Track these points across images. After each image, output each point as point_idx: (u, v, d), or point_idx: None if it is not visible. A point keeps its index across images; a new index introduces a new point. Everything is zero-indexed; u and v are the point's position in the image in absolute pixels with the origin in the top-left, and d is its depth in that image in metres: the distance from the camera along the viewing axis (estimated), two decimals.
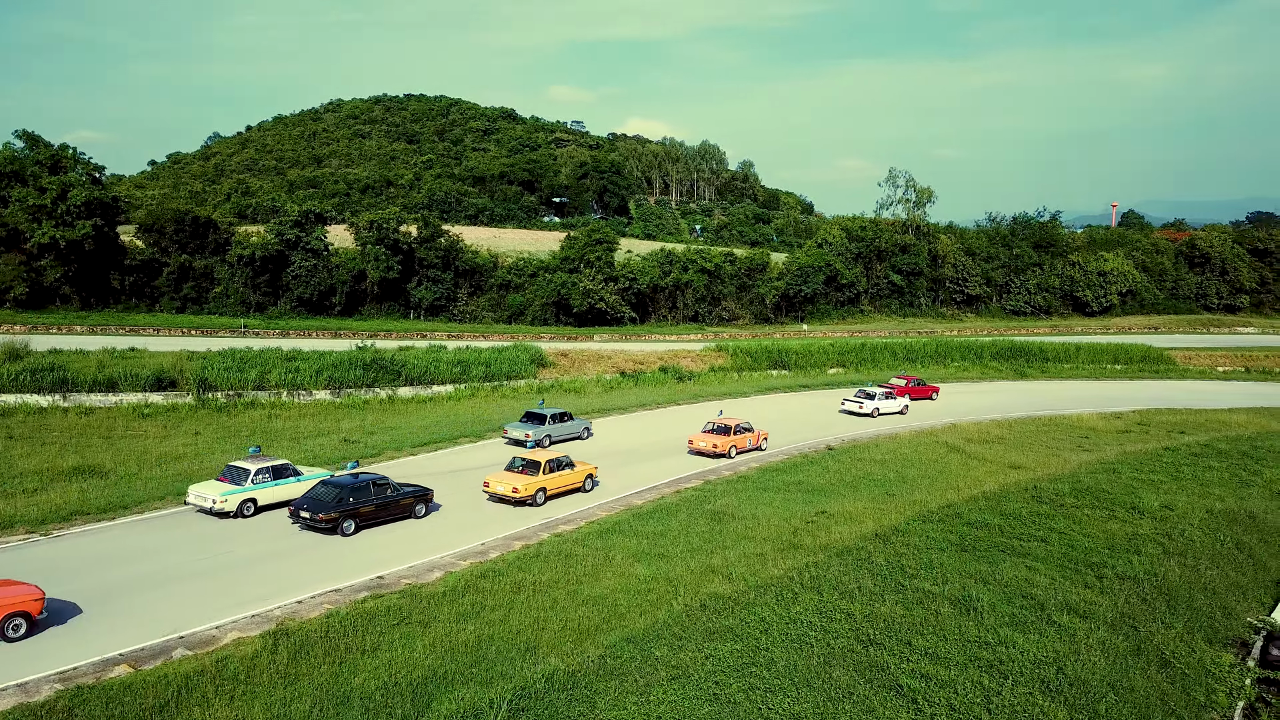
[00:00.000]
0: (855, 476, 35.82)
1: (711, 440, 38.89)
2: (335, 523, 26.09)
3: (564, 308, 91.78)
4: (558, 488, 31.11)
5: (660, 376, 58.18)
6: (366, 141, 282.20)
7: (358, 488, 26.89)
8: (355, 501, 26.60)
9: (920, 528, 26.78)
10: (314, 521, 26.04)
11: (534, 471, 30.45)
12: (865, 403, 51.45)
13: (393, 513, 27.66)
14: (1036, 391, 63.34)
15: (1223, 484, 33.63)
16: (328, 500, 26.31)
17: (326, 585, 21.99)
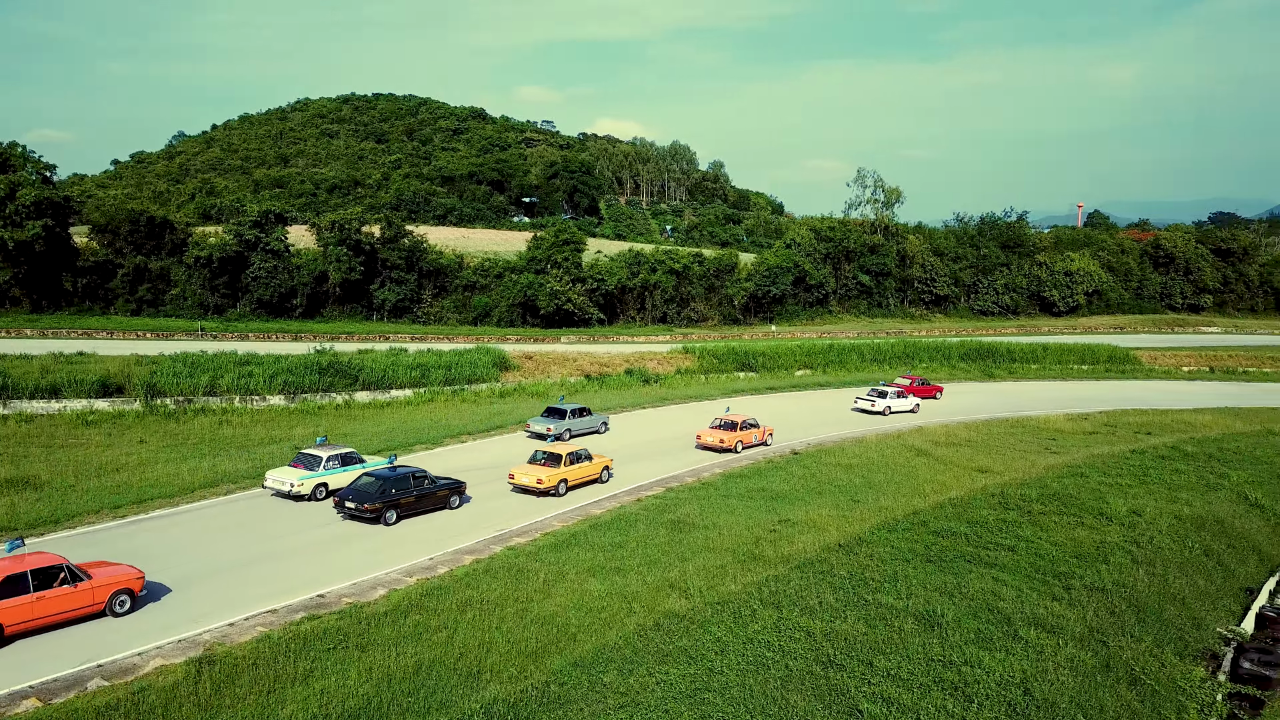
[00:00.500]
0: (820, 482, 35.07)
1: (719, 435, 40.65)
2: (379, 513, 27.52)
3: (531, 309, 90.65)
4: (578, 479, 32.75)
5: (626, 379, 57.24)
6: (334, 141, 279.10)
7: (399, 480, 28.25)
8: (397, 493, 28.00)
9: (885, 537, 26.03)
10: (359, 511, 27.44)
11: (555, 464, 32.07)
12: (878, 401, 52.66)
13: (430, 504, 29.16)
14: (1004, 392, 63.09)
15: (1190, 488, 33.23)
16: (372, 491, 27.69)
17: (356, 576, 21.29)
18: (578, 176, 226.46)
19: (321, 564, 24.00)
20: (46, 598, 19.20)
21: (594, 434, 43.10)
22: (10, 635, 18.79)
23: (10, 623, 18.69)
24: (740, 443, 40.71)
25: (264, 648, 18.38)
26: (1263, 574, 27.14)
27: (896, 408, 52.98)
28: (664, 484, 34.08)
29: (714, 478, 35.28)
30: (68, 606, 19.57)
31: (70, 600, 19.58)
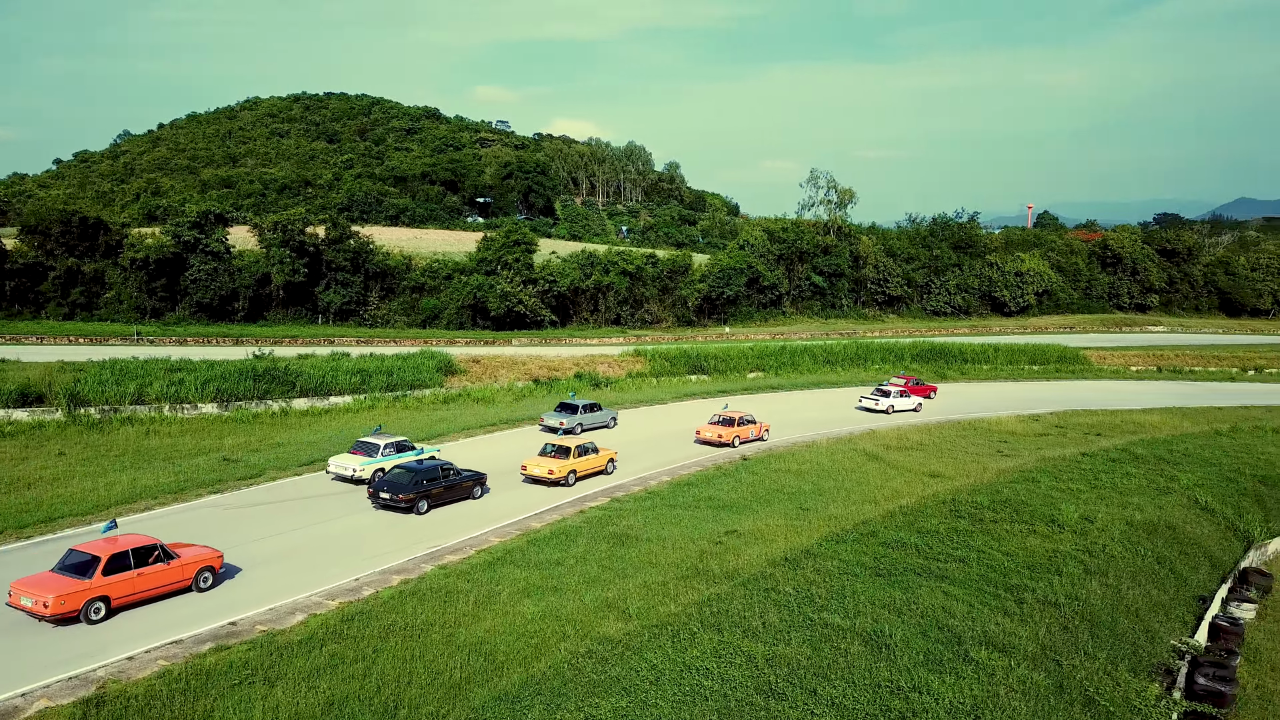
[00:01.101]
0: (769, 490, 34.15)
1: (717, 431, 42.56)
2: (413, 503, 29.29)
3: (481, 311, 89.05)
4: (585, 470, 34.83)
5: (576, 384, 55.97)
6: (285, 141, 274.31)
7: (430, 472, 30.18)
8: (428, 484, 29.88)
9: (833, 549, 25.13)
10: (394, 501, 29.19)
11: (565, 456, 34.20)
12: (881, 400, 54.17)
13: (456, 494, 30.98)
14: (957, 394, 62.86)
15: (1141, 491, 32.83)
16: (405, 483, 29.47)
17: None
18: (532, 177, 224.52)
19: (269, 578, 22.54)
20: (145, 574, 21.28)
21: (603, 428, 45.31)
22: (117, 607, 20.84)
23: (117, 596, 20.76)
24: (738, 438, 42.59)
25: (161, 685, 16.93)
26: (1214, 580, 26.72)
27: (900, 406, 54.37)
28: (609, 494, 32.96)
29: (661, 486, 34.22)
30: (162, 582, 21.67)
31: (164, 576, 21.69)
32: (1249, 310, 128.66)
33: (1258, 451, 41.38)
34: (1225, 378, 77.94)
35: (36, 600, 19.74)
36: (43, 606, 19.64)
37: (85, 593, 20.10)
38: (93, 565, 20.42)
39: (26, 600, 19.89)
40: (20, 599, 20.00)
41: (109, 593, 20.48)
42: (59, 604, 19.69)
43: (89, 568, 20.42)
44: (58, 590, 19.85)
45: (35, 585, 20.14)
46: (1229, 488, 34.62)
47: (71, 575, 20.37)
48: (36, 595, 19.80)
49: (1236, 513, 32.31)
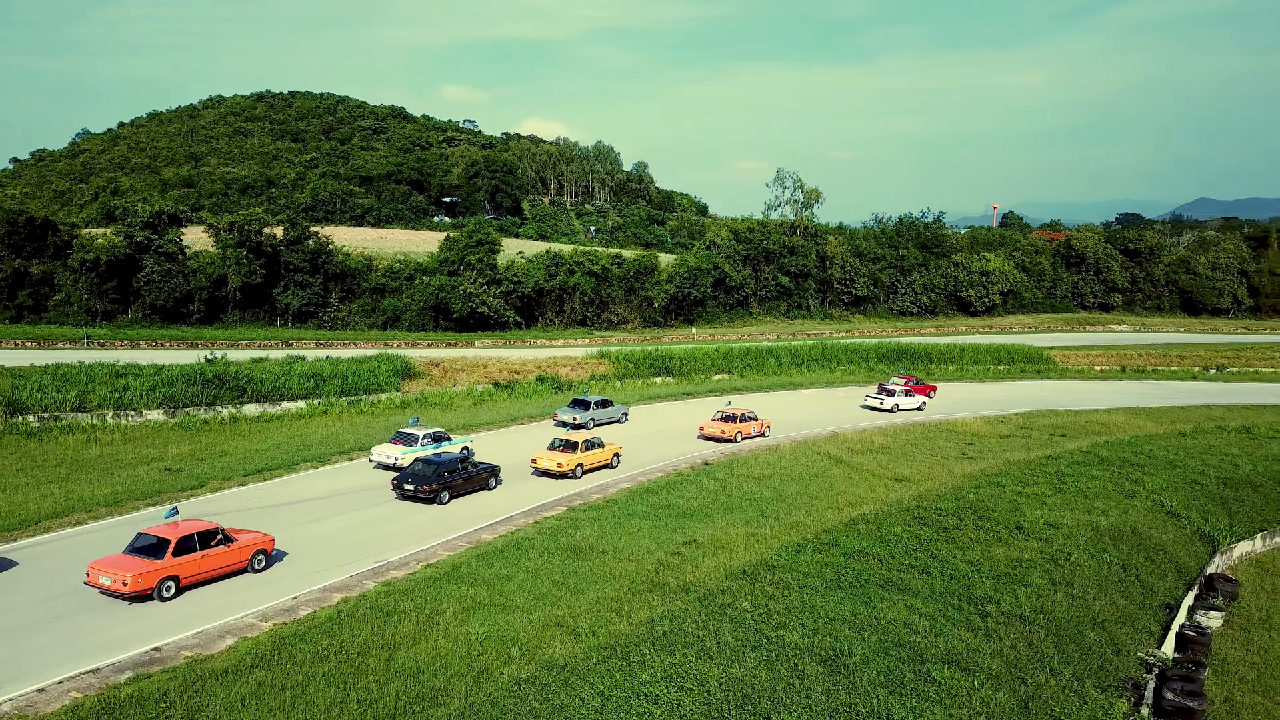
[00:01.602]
0: (730, 496, 33.35)
1: (720, 427, 44.08)
2: (435, 493, 30.86)
3: (444, 312, 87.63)
4: (592, 464, 36.53)
5: (538, 387, 54.89)
6: (248, 140, 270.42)
7: (450, 464, 31.81)
8: (449, 476, 31.55)
9: (793, 560, 24.31)
10: (418, 492, 30.71)
11: (573, 450, 35.94)
12: (885, 399, 55.27)
13: (474, 485, 32.72)
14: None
15: (1106, 495, 32.35)
16: (429, 475, 31.02)
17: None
18: (500, 176, 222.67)
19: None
20: (209, 555, 22.92)
21: (615, 423, 47.27)
22: (185, 586, 22.44)
23: (186, 575, 22.36)
24: (740, 433, 44.14)
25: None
26: (1181, 587, 26.22)
27: (904, 405, 55.42)
28: (565, 503, 31.99)
29: (620, 494, 33.28)
30: (224, 563, 23.33)
31: (225, 558, 23.33)
32: (1210, 309, 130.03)
33: (1221, 453, 41.15)
34: (1188, 377, 78.34)
35: (115, 579, 21.35)
36: (121, 585, 21.25)
37: (158, 572, 21.74)
38: (163, 547, 22.10)
39: (105, 579, 21.50)
40: (99, 578, 21.61)
41: (179, 572, 22.18)
42: (136, 582, 21.32)
43: (160, 549, 22.08)
44: (135, 570, 21.45)
45: (113, 565, 21.68)
46: (1194, 491, 34.26)
47: (144, 556, 21.99)
48: (115, 574, 21.39)
49: (1202, 516, 31.92)
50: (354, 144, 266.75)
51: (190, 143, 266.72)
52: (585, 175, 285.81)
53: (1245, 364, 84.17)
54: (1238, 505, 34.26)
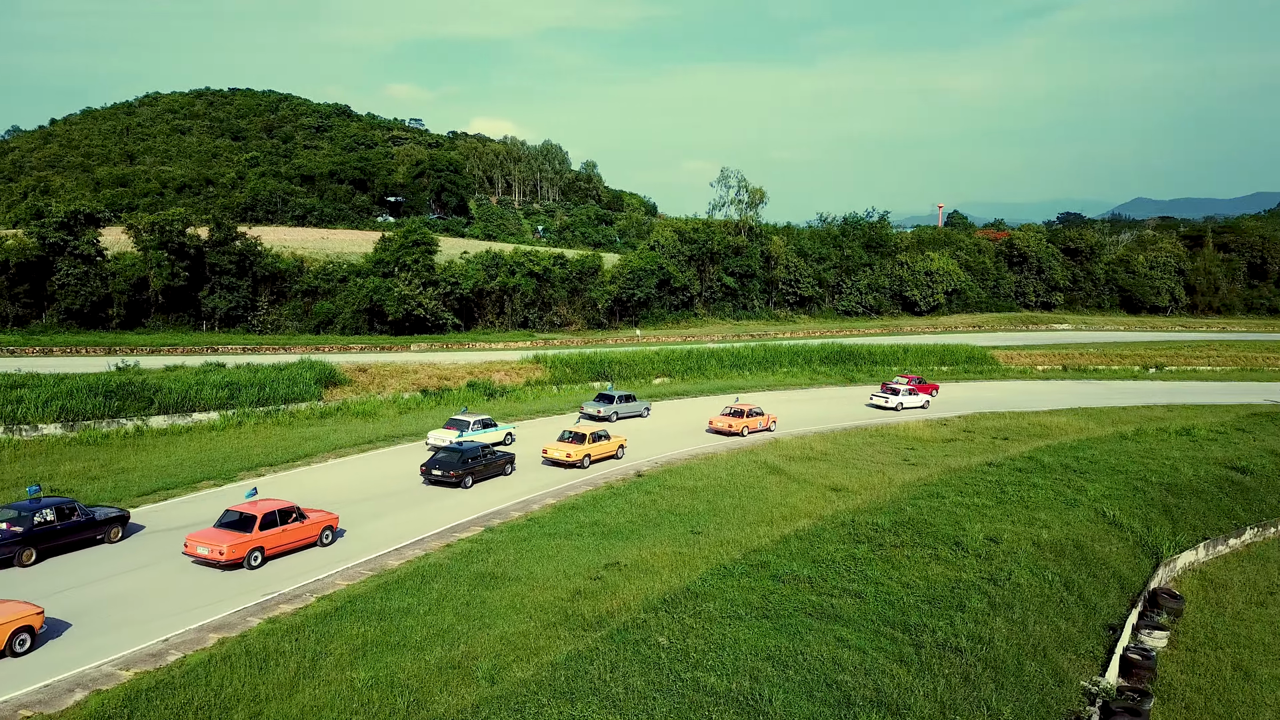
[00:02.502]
0: (661, 511, 31.66)
1: (727, 421, 46.22)
2: (460, 478, 33.74)
3: (378, 315, 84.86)
4: (599, 454, 38.93)
5: (468, 394, 52.64)
6: (186, 138, 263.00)
7: (473, 452, 34.83)
8: (473, 462, 34.48)
9: (718, 586, 22.65)
10: (445, 477, 33.65)
11: (580, 442, 38.42)
12: (890, 398, 56.52)
13: (494, 471, 35.66)
14: (865, 398, 61.40)
15: (1048, 505, 31.25)
16: (455, 462, 33.91)
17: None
18: (445, 175, 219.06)
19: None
20: (288, 530, 25.82)
21: (637, 417, 49.79)
22: (270, 556, 25.35)
23: (270, 546, 25.27)
24: (746, 428, 46.25)
25: None
26: (1125, 604, 25.07)
27: (908, 404, 56.64)
28: (483, 522, 30.02)
29: (544, 511, 31.40)
30: (299, 537, 26.23)
31: (300, 532, 26.23)
32: (1148, 307, 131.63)
33: (1162, 456, 40.48)
34: (1128, 376, 78.52)
35: (212, 549, 24.23)
36: (218, 554, 24.16)
37: (248, 543, 24.76)
38: (251, 522, 25.09)
39: (203, 550, 24.36)
40: (196, 548, 24.46)
41: (264, 544, 25.11)
42: (231, 552, 24.24)
43: (249, 524, 25.06)
44: (230, 541, 24.32)
45: (209, 538, 24.60)
46: (1136, 499, 33.34)
47: (234, 530, 24.89)
48: (212, 545, 24.29)
49: (1145, 526, 30.97)
50: (296, 143, 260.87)
51: (126, 141, 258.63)
52: (533, 175, 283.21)
53: (1184, 362, 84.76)
54: (1180, 513, 33.44)
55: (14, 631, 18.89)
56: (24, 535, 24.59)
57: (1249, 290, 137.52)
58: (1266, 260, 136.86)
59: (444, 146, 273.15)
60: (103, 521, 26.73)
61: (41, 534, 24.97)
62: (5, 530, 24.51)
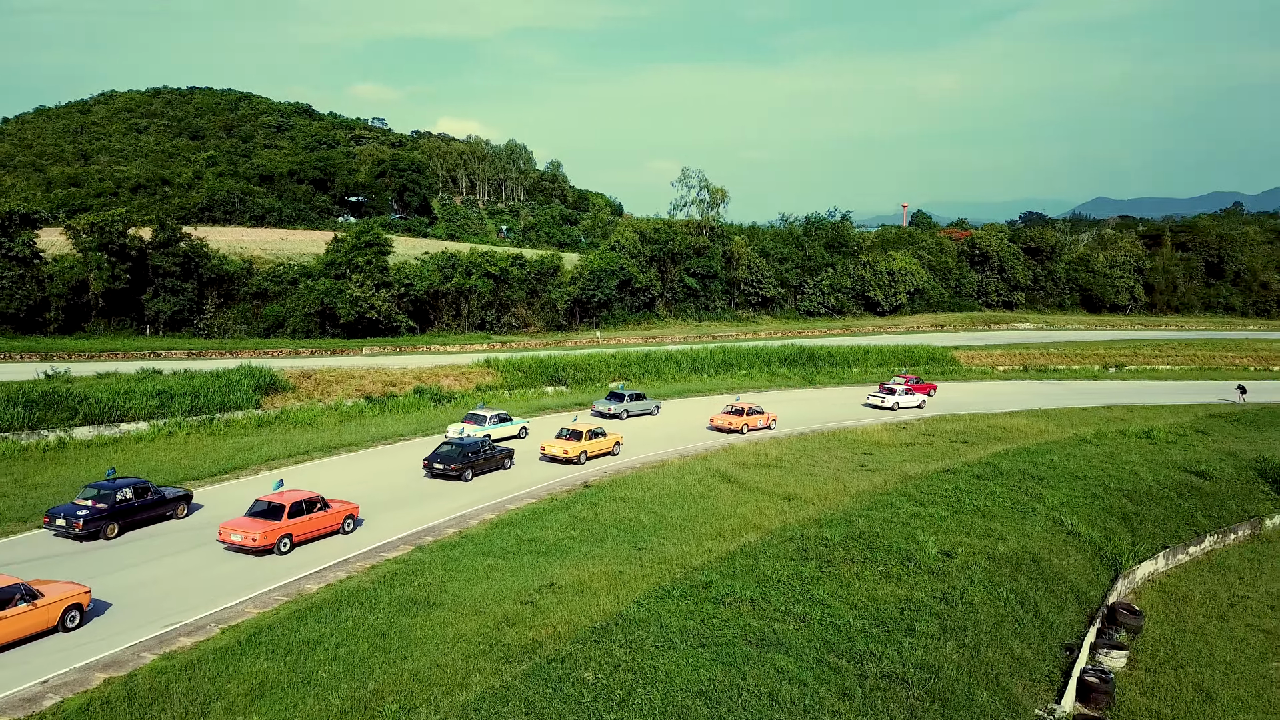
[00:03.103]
0: (605, 525, 30.23)
1: (728, 419, 47.69)
2: (461, 471, 35.35)
3: (330, 318, 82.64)
4: (595, 451, 40.33)
5: (415, 400, 50.85)
6: (143, 137, 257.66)
7: (474, 447, 36.60)
8: (473, 457, 36.21)
9: (655, 611, 21.27)
10: (447, 470, 35.28)
11: (577, 439, 39.66)
12: (886, 397, 57.20)
13: (493, 465, 37.39)
14: (825, 400, 60.42)
15: (1004, 515, 30.23)
16: (455, 456, 35.65)
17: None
18: (407, 175, 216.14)
19: None
20: (313, 518, 27.35)
21: (647, 415, 51.41)
22: (297, 542, 26.87)
23: (298, 534, 26.86)
24: (746, 425, 47.63)
25: None
26: (1082, 622, 24.03)
27: (904, 404, 57.31)
28: (416, 539, 28.41)
29: (481, 527, 29.84)
30: (323, 525, 27.77)
31: (324, 521, 27.77)
32: (1108, 306, 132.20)
33: (1121, 461, 39.73)
34: (1088, 375, 78.25)
35: (246, 536, 26.00)
36: (251, 540, 25.91)
37: (278, 530, 26.41)
38: (280, 511, 26.81)
39: (236, 537, 26.12)
40: (230, 535, 26.24)
41: (293, 531, 26.82)
42: (264, 539, 25.93)
43: (279, 513, 26.76)
44: (262, 529, 26.02)
45: (242, 526, 26.31)
46: (1095, 506, 32.43)
47: (266, 519, 26.59)
48: (245, 532, 26.03)
49: (1103, 535, 30.03)
50: (256, 142, 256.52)
51: (80, 140, 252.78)
52: (498, 174, 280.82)
53: (1143, 362, 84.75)
54: (1139, 520, 32.57)
55: (66, 609, 20.95)
56: (108, 511, 27.98)
57: (1206, 289, 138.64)
58: (1223, 259, 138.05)
59: (408, 146, 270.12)
60: (171, 500, 30.16)
61: (123, 510, 28.46)
62: (92, 507, 27.80)
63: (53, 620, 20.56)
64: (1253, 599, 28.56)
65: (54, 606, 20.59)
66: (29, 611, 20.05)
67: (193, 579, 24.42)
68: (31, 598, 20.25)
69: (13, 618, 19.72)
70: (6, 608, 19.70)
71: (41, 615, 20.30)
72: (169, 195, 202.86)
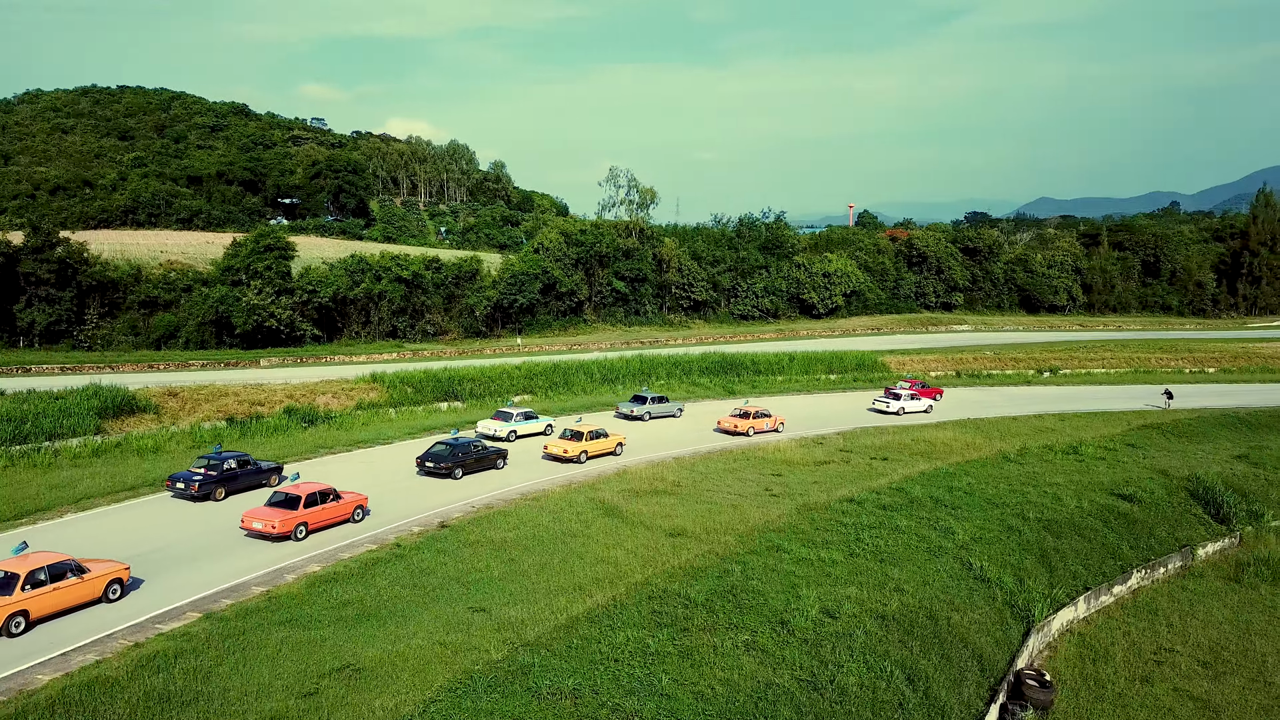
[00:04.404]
0: (447, 577, 25.91)
1: (734, 422, 48.75)
2: (450, 470, 36.48)
3: (227, 327, 77.14)
4: (596, 451, 41.38)
5: (284, 421, 45.93)
6: (69, 137, 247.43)
7: (464, 447, 37.46)
8: (463, 456, 37.12)
9: (453, 709, 17.02)
10: (438, 469, 36.44)
11: (579, 440, 40.76)
12: (892, 403, 56.48)
13: (484, 465, 38.10)
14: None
15: (907, 557, 26.50)
16: (446, 455, 36.80)
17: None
18: (343, 176, 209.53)
19: None
20: (327, 508, 30.00)
21: (670, 417, 53.28)
22: (312, 530, 29.42)
23: (313, 522, 29.44)
24: (752, 428, 48.43)
25: None
26: (982, 697, 20.26)
27: (910, 409, 56.34)
28: (202, 606, 23.82)
29: (296, 584, 25.28)
30: (336, 515, 30.31)
31: (336, 510, 30.34)
32: (1047, 306, 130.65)
33: (1045, 483, 36.35)
34: (1022, 381, 75.55)
35: (266, 524, 28.20)
36: (271, 528, 28.11)
37: (295, 519, 28.53)
38: (297, 501, 28.92)
39: (258, 524, 28.34)
40: (252, 523, 28.44)
41: (308, 520, 28.89)
42: (282, 526, 28.15)
43: (296, 502, 28.91)
44: (280, 518, 28.28)
45: (262, 515, 28.53)
46: (1010, 542, 28.87)
47: (283, 508, 28.82)
48: (266, 520, 28.28)
49: (1017, 579, 26.45)
50: (190, 142, 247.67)
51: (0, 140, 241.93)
52: (440, 175, 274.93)
53: (1078, 365, 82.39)
54: (1059, 557, 29.07)
55: (109, 583, 23.45)
56: (218, 478, 33.13)
57: (1143, 288, 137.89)
58: (1159, 258, 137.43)
59: (347, 147, 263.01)
60: (266, 470, 35.25)
61: (229, 477, 33.53)
62: (204, 474, 32.97)
63: (98, 592, 23.33)
64: (1182, 653, 25.17)
65: (99, 580, 23.34)
66: (78, 584, 22.83)
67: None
68: (80, 572, 22.98)
69: (65, 589, 22.55)
70: (60, 580, 22.48)
71: (88, 588, 23.09)
72: (90, 198, 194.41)
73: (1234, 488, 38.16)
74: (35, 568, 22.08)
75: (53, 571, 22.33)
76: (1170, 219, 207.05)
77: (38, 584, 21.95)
